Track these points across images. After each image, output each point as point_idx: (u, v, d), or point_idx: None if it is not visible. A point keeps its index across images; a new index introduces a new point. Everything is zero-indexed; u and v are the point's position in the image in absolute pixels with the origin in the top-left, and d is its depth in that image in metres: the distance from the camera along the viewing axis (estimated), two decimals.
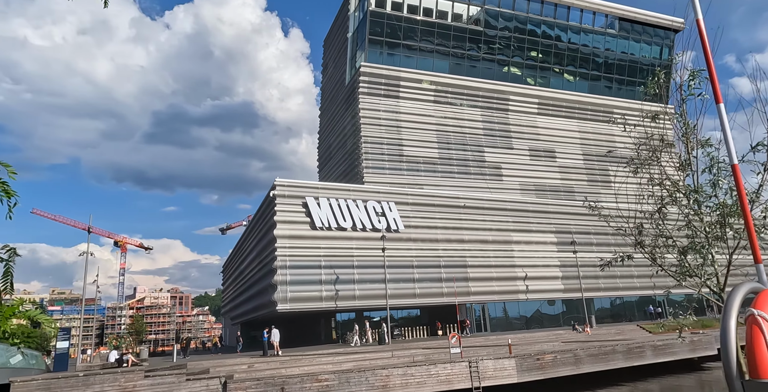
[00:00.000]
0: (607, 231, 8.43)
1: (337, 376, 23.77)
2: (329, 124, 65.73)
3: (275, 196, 39.72)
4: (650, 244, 8.38)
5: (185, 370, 24.12)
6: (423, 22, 55.68)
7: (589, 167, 61.65)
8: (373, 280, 39.72)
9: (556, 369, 27.85)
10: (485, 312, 46.61)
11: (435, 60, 57.11)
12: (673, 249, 8.23)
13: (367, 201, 42.41)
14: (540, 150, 60.12)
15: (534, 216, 50.80)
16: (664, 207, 7.99)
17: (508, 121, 59.64)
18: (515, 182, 57.02)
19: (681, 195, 7.81)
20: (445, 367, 25.52)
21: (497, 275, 46.48)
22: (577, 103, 63.65)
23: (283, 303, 37.17)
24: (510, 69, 61.19)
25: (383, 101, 53.96)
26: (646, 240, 8.39)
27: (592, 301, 50.65)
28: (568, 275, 48.70)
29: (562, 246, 49.70)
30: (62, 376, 22.06)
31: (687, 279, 8.07)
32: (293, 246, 38.84)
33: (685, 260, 8.08)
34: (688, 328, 9.03)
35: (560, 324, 48.46)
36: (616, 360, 30.08)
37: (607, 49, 65.18)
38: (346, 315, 43.01)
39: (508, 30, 59.75)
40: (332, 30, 67.97)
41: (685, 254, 8.02)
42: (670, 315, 9.54)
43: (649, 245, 8.41)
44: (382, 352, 29.48)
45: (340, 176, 57.78)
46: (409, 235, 43.36)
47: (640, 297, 53.88)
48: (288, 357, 29.07)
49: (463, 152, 55.76)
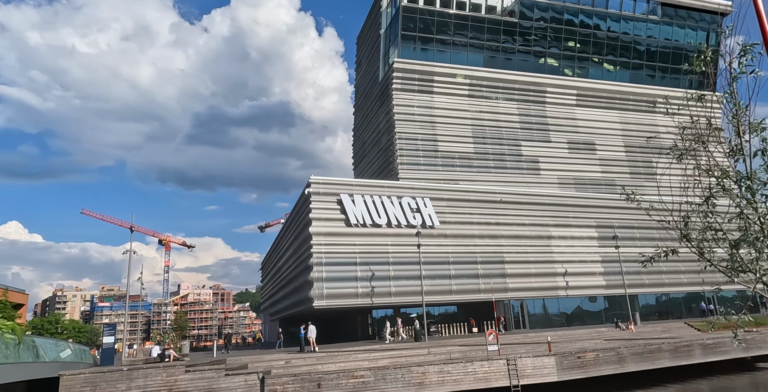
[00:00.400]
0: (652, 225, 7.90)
1: (372, 373, 23.71)
2: (363, 121, 65.76)
3: (310, 193, 39.94)
4: (697, 238, 7.79)
5: (224, 366, 24.51)
6: (456, 15, 54.93)
7: (631, 159, 59.60)
8: (409, 277, 39.47)
9: (598, 367, 27.00)
10: (524, 308, 45.70)
11: (469, 54, 56.30)
12: (723, 242, 7.63)
13: (402, 198, 42.16)
14: (579, 142, 58.49)
15: (573, 211, 49.45)
16: (713, 196, 7.41)
17: (546, 113, 58.27)
18: (553, 176, 55.67)
19: (731, 182, 7.22)
20: (482, 365, 25.10)
21: (536, 271, 45.49)
22: (617, 94, 61.59)
23: (319, 299, 37.39)
24: (547, 60, 59.71)
25: (417, 97, 53.55)
26: (693, 234, 7.80)
27: (636, 298, 48.96)
28: (610, 271, 47.21)
29: (603, 241, 48.20)
30: (107, 370, 22.80)
31: (739, 274, 7.48)
32: (329, 243, 38.99)
33: (737, 254, 7.48)
34: (743, 329, 8.37)
35: (602, 322, 47.05)
36: (662, 359, 28.93)
37: (650, 36, 62.74)
38: (382, 311, 42.94)
39: (544, 20, 58.30)
40: (365, 27, 67.93)
41: (737, 248, 7.42)
42: (720, 315, 8.90)
43: (696, 239, 7.81)
44: (418, 349, 29.26)
45: (375, 173, 57.73)
46: (444, 231, 42.89)
47: (688, 294, 51.74)
48: (324, 353, 29.21)
49: (499, 146, 54.80)
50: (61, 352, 27.46)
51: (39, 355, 23.33)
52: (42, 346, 24.38)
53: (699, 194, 7.40)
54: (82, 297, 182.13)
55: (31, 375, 22.27)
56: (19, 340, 20.48)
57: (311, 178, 40.65)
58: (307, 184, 40.51)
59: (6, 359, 20.00)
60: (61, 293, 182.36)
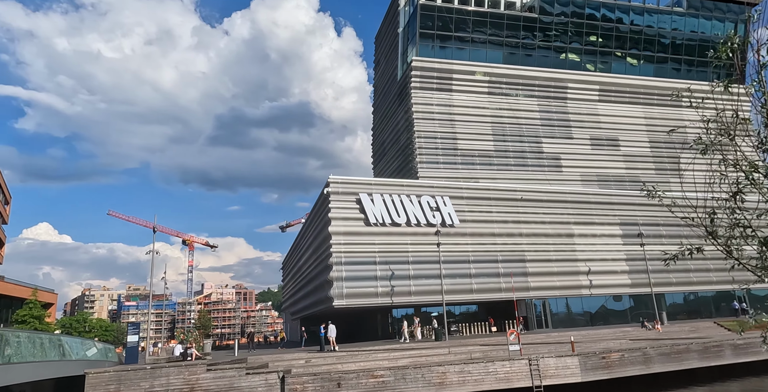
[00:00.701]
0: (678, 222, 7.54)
1: (392, 372, 23.59)
2: (382, 121, 65.64)
3: (329, 193, 40.01)
4: (725, 235, 7.42)
5: (245, 365, 24.67)
6: (475, 12, 54.40)
7: (656, 155, 58.29)
8: (429, 276, 39.25)
9: (624, 368, 26.42)
10: (546, 307, 45.05)
11: (488, 50, 55.71)
12: (752, 239, 7.26)
13: (421, 197, 41.94)
14: (602, 139, 57.42)
15: (597, 208, 48.60)
16: (741, 192, 7.05)
17: (567, 109, 57.34)
18: (576, 173, 54.75)
19: (761, 176, 6.85)
20: (503, 365, 24.77)
21: (558, 269, 44.81)
22: (642, 88, 60.26)
23: (339, 299, 37.43)
24: (568, 56, 58.74)
25: (436, 95, 53.20)
26: (720, 231, 7.44)
27: (662, 296, 47.86)
28: (635, 269, 46.25)
29: (628, 238, 47.26)
30: (131, 369, 23.13)
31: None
32: (348, 242, 39.00)
33: (766, 252, 7.11)
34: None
35: (627, 321, 46.12)
36: (690, 359, 28.19)
37: (674, 28, 61.23)
38: (402, 310, 42.79)
39: (565, 15, 57.36)
40: (383, 26, 67.78)
41: (767, 245, 7.06)
42: (750, 316, 8.51)
43: (724, 236, 7.45)
44: (438, 348, 29.03)
45: (395, 172, 57.57)
46: (464, 230, 42.54)
47: (717, 293, 50.39)
48: (344, 352, 29.20)
49: (520, 144, 54.12)
50: (87, 351, 28.00)
51: (65, 354, 23.82)
52: (68, 345, 24.88)
53: (726, 189, 7.05)
54: (109, 297, 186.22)
55: (58, 372, 22.73)
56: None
57: (330, 177, 40.70)
58: (326, 184, 40.58)
59: (33, 357, 20.44)
60: (89, 292, 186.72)
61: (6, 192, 68.35)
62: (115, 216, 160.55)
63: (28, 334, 21.71)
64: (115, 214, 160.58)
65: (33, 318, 50.00)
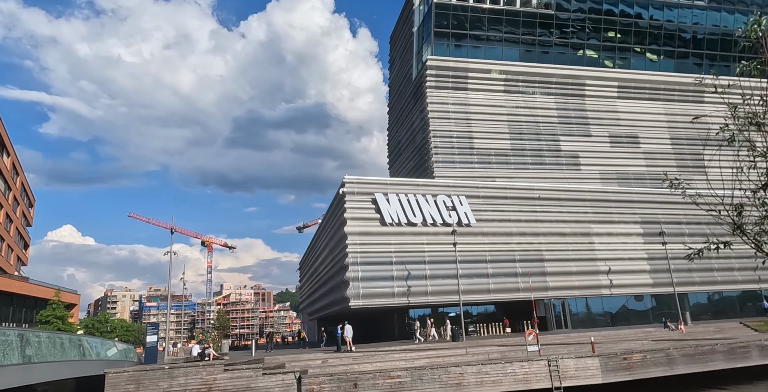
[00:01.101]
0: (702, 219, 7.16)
1: (409, 373, 23.36)
2: (398, 120, 65.47)
3: (345, 193, 39.93)
4: (754, 230, 7.08)
5: (262, 365, 24.65)
6: (490, 10, 53.95)
7: (678, 152, 57.14)
8: (446, 276, 38.92)
9: (646, 369, 25.81)
10: (565, 308, 44.36)
11: (504, 48, 55.20)
12: None
13: (437, 196, 41.64)
14: (621, 136, 56.47)
15: (616, 207, 47.74)
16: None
17: (585, 106, 56.54)
18: (594, 171, 53.92)
19: None
20: (522, 366, 24.38)
21: (577, 269, 44.10)
22: (662, 84, 59.16)
23: (355, 299, 37.31)
24: (585, 52, 57.92)
25: (451, 94, 52.87)
26: (749, 226, 7.09)
27: (686, 296, 46.82)
28: (657, 268, 45.31)
29: (649, 237, 46.33)
30: (150, 369, 23.25)
31: None
32: (364, 242, 38.86)
33: None
34: None
35: (649, 321, 45.21)
36: (715, 360, 27.43)
37: (696, 23, 59.98)
38: (419, 311, 42.53)
39: (582, 11, 56.56)
40: (398, 26, 67.63)
41: None
42: None
43: (753, 231, 7.11)
44: (455, 349, 28.73)
45: (411, 171, 57.34)
46: (481, 229, 42.12)
47: (743, 292, 49.13)
48: (361, 353, 29.06)
49: (537, 142, 53.49)
50: (108, 351, 28.36)
51: (85, 353, 24.11)
52: (88, 345, 25.18)
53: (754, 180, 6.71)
54: (131, 297, 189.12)
55: (78, 372, 23.01)
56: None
57: (346, 177, 40.61)
58: (342, 184, 40.51)
59: (53, 357, 20.70)
60: (111, 293, 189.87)
61: (30, 195, 69.80)
62: (136, 218, 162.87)
63: (48, 334, 22.01)
64: (136, 216, 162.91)
65: (56, 318, 50.87)
